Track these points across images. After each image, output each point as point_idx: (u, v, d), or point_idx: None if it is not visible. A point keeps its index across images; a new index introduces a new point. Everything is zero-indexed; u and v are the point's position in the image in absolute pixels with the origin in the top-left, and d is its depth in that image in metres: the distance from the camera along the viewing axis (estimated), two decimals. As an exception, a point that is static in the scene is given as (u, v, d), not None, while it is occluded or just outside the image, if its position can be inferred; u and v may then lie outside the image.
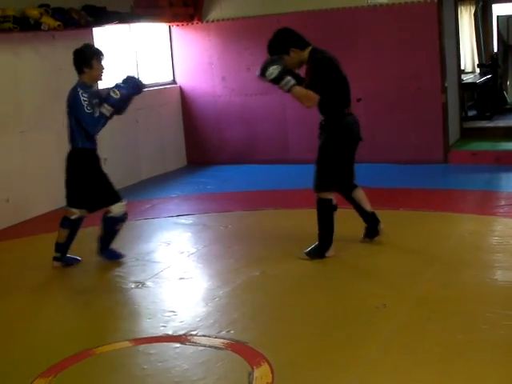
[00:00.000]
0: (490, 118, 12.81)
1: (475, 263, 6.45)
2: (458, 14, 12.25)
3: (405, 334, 5.06)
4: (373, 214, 7.10)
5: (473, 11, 15.47)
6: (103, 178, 7.12)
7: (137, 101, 11.00)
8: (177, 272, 6.78)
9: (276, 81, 6.46)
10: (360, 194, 7.02)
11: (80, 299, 6.29)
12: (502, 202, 8.41)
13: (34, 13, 8.99)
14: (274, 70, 6.41)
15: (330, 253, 6.82)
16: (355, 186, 7.02)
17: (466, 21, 15.25)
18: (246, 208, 8.97)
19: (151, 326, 5.51)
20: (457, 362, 4.55)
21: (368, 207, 7.06)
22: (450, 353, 4.68)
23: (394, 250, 7.00)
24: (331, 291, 6.04)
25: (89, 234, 7.54)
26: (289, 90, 6.48)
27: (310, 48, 6.68)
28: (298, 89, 6.48)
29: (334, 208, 6.77)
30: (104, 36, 10.66)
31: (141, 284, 6.45)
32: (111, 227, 7.13)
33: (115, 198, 7.08)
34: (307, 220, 7.76)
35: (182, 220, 8.63)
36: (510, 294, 5.71)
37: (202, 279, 6.70)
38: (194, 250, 7.45)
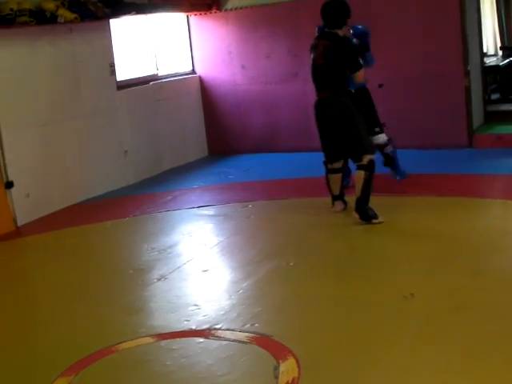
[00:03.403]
0: (514, 101, 12.61)
1: (504, 250, 6.32)
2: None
3: (434, 325, 4.92)
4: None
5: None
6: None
7: (156, 92, 11.03)
8: (199, 264, 6.68)
9: None
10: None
11: (102, 295, 6.20)
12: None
13: (50, 6, 8.90)
14: None
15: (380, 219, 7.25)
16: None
17: (488, 2, 15.01)
18: (268, 197, 8.85)
19: (174, 321, 5.42)
20: (489, 353, 4.43)
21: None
22: (481, 344, 4.55)
23: (421, 237, 6.86)
24: (357, 281, 5.92)
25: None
26: None
27: None
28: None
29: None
30: (121, 27, 10.56)
31: (163, 278, 6.36)
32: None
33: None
34: (329, 209, 7.69)
35: (204, 211, 8.53)
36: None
37: (225, 271, 6.61)
38: (217, 242, 7.36)
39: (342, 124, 7.29)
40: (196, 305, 5.67)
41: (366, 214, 7.22)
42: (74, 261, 7.20)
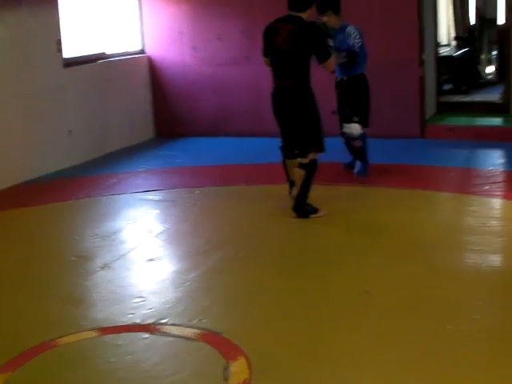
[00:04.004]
0: (466, 93, 12.54)
1: (458, 246, 6.20)
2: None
3: (391, 323, 4.75)
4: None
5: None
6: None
7: (104, 71, 10.68)
8: (145, 253, 6.41)
9: None
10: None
11: (40, 283, 5.85)
12: (482, 181, 8.11)
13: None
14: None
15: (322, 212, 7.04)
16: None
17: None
18: (217, 183, 8.60)
19: (118, 314, 5.14)
20: (448, 354, 4.28)
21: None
22: (440, 345, 4.40)
23: (372, 231, 6.72)
24: (310, 274, 5.71)
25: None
26: None
27: None
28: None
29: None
30: (70, 2, 10.16)
31: (107, 266, 6.07)
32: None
33: None
34: (281, 197, 7.47)
35: (150, 196, 8.23)
36: (497, 280, 5.47)
37: (172, 261, 6.34)
38: (163, 229, 7.09)
39: (296, 115, 6.99)
40: (141, 296, 5.40)
41: (303, 212, 7.02)
42: (12, 246, 6.84)
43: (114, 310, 5.24)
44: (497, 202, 7.40)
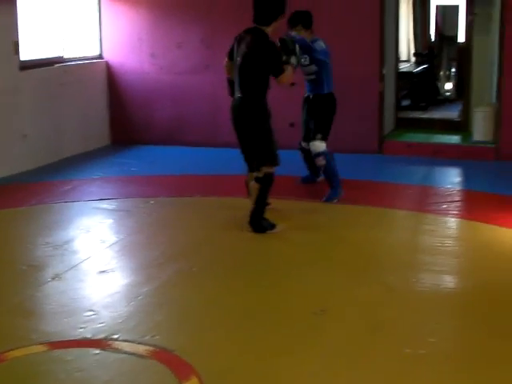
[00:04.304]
0: (425, 109, 12.56)
1: (415, 265, 6.15)
2: (398, 0, 11.91)
3: (346, 346, 4.67)
4: None
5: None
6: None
7: (61, 75, 10.51)
8: (97, 264, 6.26)
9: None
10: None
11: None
12: (439, 199, 8.10)
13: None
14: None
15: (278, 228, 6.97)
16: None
17: (404, 7, 14.94)
18: (171, 194, 8.48)
19: (69, 327, 4.99)
20: (407, 379, 4.22)
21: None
22: (397, 370, 4.32)
23: (328, 248, 6.65)
24: (265, 290, 5.65)
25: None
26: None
27: None
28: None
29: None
30: (28, 3, 9.99)
31: (58, 277, 5.91)
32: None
33: None
34: (237, 209, 7.38)
35: (104, 205, 8.07)
36: (454, 302, 5.44)
37: (125, 273, 6.18)
38: (116, 240, 6.94)
39: (247, 128, 6.91)
40: (92, 310, 5.26)
41: (259, 227, 6.94)
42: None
43: (65, 323, 5.09)
44: (454, 222, 7.38)
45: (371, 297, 5.43)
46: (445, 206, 7.76)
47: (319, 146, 7.98)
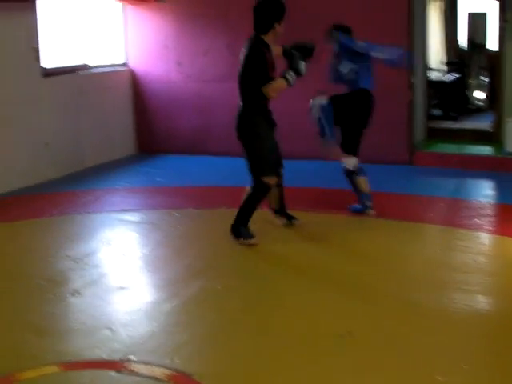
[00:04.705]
0: (456, 119, 12.27)
1: (447, 284, 5.86)
2: (427, 8, 11.66)
3: (375, 371, 4.41)
4: None
5: (441, 6, 14.93)
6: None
7: (85, 83, 10.36)
8: (118, 279, 6.08)
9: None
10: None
11: (5, 309, 5.52)
12: (471, 213, 7.83)
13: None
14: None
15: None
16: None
17: (433, 16, 14.68)
18: (197, 205, 8.29)
19: (85, 347, 4.82)
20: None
21: None
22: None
23: (355, 264, 6.36)
24: (292, 310, 5.38)
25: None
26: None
27: None
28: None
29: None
30: (49, 10, 9.85)
31: (77, 293, 5.73)
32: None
33: None
34: (262, 221, 7.18)
35: (127, 216, 7.90)
36: (489, 325, 5.14)
37: (146, 290, 6.01)
38: (139, 254, 6.78)
39: (243, 141, 6.80)
40: (110, 328, 5.07)
41: (236, 231, 6.80)
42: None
43: (81, 342, 4.92)
44: (486, 237, 7.11)
45: (399, 318, 5.18)
46: (477, 221, 7.49)
47: (348, 162, 7.65)
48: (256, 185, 6.77)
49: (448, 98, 12.81)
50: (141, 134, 11.44)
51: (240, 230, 6.79)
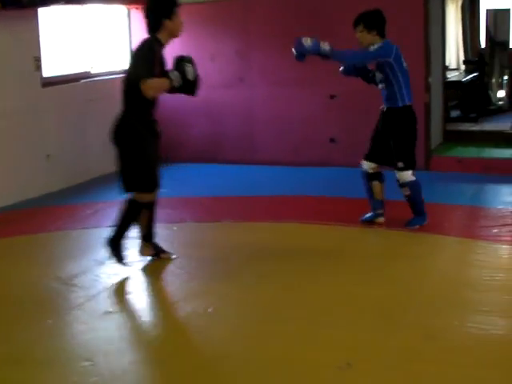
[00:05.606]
0: (475, 121, 11.77)
1: (461, 305, 5.33)
2: (444, 6, 11.18)
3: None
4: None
5: (460, 3, 14.44)
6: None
7: (88, 91, 9.99)
8: (105, 303, 5.62)
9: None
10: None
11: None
12: (491, 222, 7.32)
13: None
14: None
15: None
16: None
17: (452, 13, 14.17)
18: (198, 219, 7.87)
19: (60, 380, 4.39)
20: None
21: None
22: None
23: (361, 284, 5.84)
24: (287, 339, 4.87)
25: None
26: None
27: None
28: None
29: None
30: (52, 18, 9.51)
31: (58, 317, 5.33)
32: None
33: None
34: (271, 236, 6.75)
35: (125, 231, 7.48)
36: (507, 352, 4.58)
37: (133, 315, 5.57)
38: (131, 274, 6.31)
39: (120, 147, 6.29)
40: (89, 359, 4.62)
41: (111, 246, 6.30)
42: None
43: (56, 374, 4.49)
44: (506, 250, 6.58)
45: (407, 345, 4.69)
46: (496, 231, 6.99)
47: (404, 175, 7.20)
48: (128, 201, 6.23)
49: (467, 99, 12.30)
50: (146, 142, 11.06)
51: (112, 246, 6.31)
